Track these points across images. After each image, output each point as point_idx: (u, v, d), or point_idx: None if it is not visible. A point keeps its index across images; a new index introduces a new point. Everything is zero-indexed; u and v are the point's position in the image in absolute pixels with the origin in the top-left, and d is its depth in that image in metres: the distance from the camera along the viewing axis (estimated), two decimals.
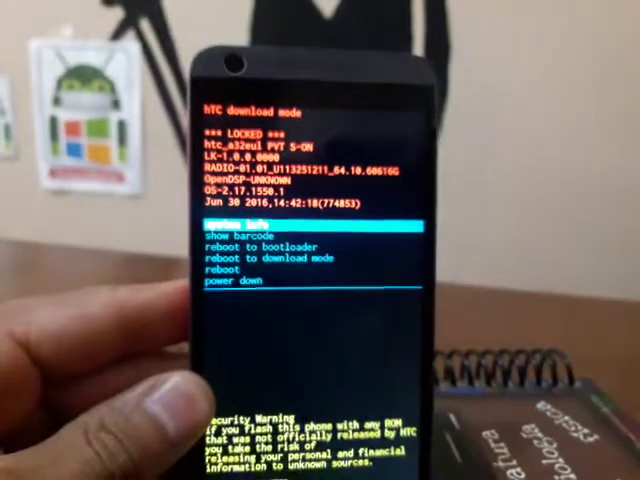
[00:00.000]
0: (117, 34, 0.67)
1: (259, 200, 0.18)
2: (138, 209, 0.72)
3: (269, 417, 0.18)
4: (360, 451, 0.19)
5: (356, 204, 0.18)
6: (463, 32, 0.61)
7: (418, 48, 0.62)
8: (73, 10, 0.67)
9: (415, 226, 0.19)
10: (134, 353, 0.19)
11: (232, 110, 0.18)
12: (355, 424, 0.19)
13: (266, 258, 0.18)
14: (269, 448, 0.18)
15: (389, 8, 0.62)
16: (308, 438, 0.18)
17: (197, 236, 0.18)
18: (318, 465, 0.19)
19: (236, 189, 0.18)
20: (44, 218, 0.74)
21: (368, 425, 0.19)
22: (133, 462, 0.15)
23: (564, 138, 0.62)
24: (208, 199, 0.18)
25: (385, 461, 0.19)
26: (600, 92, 0.60)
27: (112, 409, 0.15)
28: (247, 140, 0.18)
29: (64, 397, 0.18)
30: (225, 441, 0.18)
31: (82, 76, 0.68)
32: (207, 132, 0.18)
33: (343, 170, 0.18)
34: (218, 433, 0.18)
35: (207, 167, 0.18)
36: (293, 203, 0.18)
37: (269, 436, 0.18)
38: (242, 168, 0.18)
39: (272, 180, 0.18)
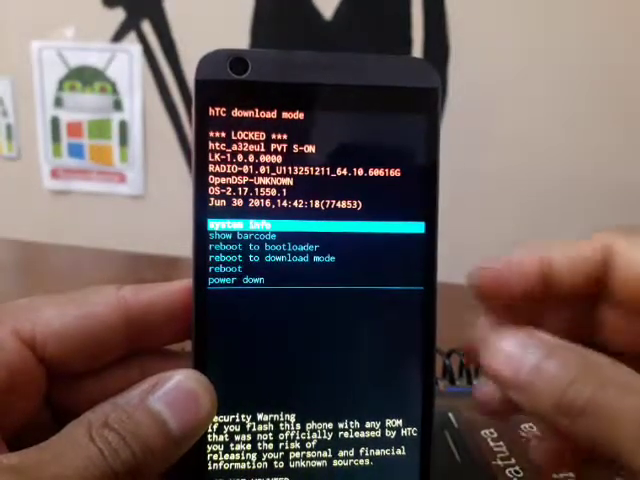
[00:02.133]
0: (118, 35, 0.67)
1: (262, 201, 0.18)
2: (139, 209, 0.72)
3: (270, 415, 0.18)
4: (361, 450, 0.19)
5: (358, 205, 0.19)
6: (462, 33, 0.61)
7: (417, 49, 0.62)
8: (74, 12, 0.67)
9: (416, 227, 0.19)
10: (138, 351, 0.19)
11: (236, 112, 0.18)
12: (356, 423, 0.19)
13: (268, 258, 0.18)
14: (270, 446, 0.18)
15: (389, 10, 0.62)
16: (309, 437, 0.19)
17: (201, 235, 0.18)
18: (319, 464, 0.19)
19: (239, 190, 0.18)
20: (46, 218, 0.74)
21: (369, 424, 0.19)
22: (136, 459, 0.15)
23: (563, 139, 0.62)
24: (212, 199, 0.18)
25: (385, 461, 0.19)
26: (600, 92, 0.60)
27: (115, 407, 0.16)
28: (251, 142, 0.18)
29: (68, 395, 0.18)
30: (227, 439, 0.18)
31: (84, 77, 0.68)
32: (212, 134, 0.18)
33: (345, 172, 0.18)
34: (220, 431, 0.18)
35: (211, 168, 0.18)
36: (295, 204, 0.18)
37: (270, 434, 0.18)
38: (245, 169, 0.18)
39: (275, 181, 0.18)
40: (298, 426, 0.19)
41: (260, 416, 0.18)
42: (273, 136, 0.18)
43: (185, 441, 0.16)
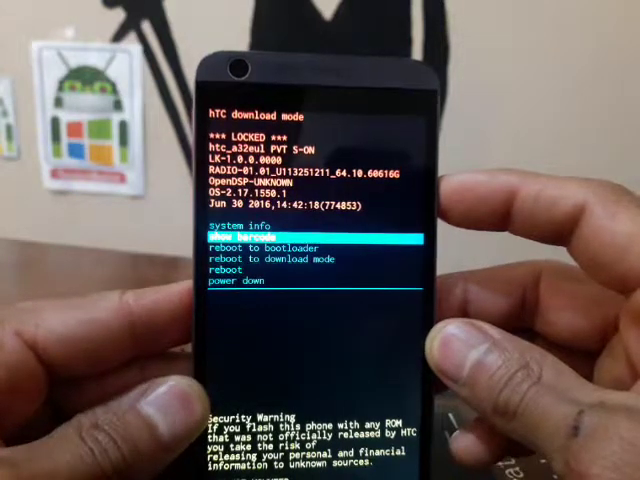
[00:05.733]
0: (119, 35, 0.67)
1: (262, 202, 0.18)
2: (139, 209, 0.72)
3: (270, 416, 0.19)
4: (360, 451, 0.19)
5: (357, 206, 0.19)
6: (462, 33, 0.61)
7: (417, 49, 0.62)
8: (74, 12, 0.67)
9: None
10: (141, 355, 0.19)
11: (236, 114, 0.18)
12: (355, 424, 0.19)
13: (268, 259, 0.18)
14: (270, 447, 0.19)
15: (389, 10, 0.62)
16: (309, 437, 0.19)
17: (201, 237, 0.18)
18: (319, 464, 0.19)
19: (239, 191, 0.18)
20: (46, 218, 0.74)
21: (368, 425, 0.19)
22: (125, 460, 0.15)
23: (563, 139, 0.62)
24: (212, 200, 0.18)
25: (385, 461, 0.19)
26: (600, 92, 0.60)
27: (107, 409, 0.16)
28: (250, 143, 0.18)
29: (69, 398, 0.18)
30: (227, 439, 0.18)
31: (84, 77, 0.68)
32: (212, 135, 0.18)
33: (344, 173, 0.19)
34: (220, 431, 0.18)
35: (211, 169, 0.18)
36: (295, 205, 0.18)
37: (270, 435, 0.19)
38: (245, 170, 0.18)
39: (274, 182, 0.18)
40: (298, 427, 0.19)
41: (260, 417, 0.18)
42: (273, 138, 0.18)
43: (175, 446, 0.16)
